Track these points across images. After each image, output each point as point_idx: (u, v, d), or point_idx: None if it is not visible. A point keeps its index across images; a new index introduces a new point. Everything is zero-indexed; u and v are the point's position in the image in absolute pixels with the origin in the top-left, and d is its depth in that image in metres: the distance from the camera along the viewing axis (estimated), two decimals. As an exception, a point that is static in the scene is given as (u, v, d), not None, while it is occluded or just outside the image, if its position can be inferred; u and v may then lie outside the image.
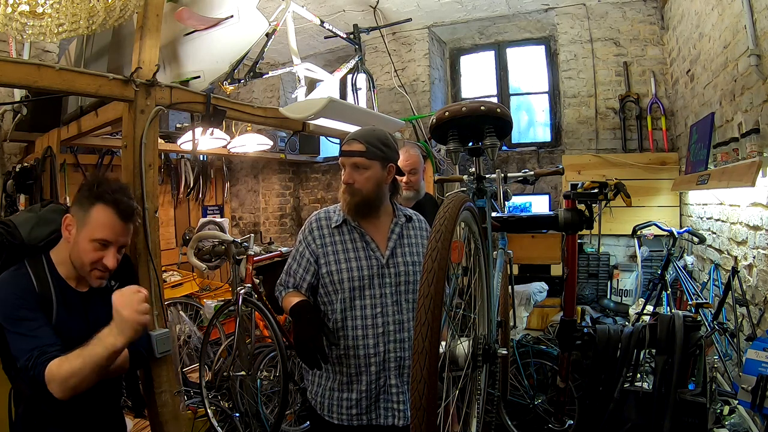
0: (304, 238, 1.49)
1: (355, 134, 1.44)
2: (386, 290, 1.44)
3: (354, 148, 1.41)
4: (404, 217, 1.53)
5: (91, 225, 1.23)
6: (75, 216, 1.26)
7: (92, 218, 1.24)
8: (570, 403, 1.87)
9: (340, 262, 1.43)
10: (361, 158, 1.40)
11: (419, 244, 1.52)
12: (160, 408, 1.60)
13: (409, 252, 1.49)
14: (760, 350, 1.41)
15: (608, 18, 3.82)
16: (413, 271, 1.46)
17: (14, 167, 2.30)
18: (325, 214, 1.51)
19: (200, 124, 1.98)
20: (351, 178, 1.41)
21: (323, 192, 5.28)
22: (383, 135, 1.46)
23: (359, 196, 1.42)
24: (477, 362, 1.22)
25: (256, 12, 1.98)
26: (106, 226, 1.24)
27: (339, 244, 1.46)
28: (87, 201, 1.25)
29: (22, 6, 1.30)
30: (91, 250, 1.24)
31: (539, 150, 4.25)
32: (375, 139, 1.42)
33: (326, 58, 4.84)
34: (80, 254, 1.24)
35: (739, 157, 2.05)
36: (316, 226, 1.49)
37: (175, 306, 3.25)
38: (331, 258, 1.44)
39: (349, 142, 1.43)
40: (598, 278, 3.63)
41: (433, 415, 0.81)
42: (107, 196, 1.24)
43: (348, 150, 1.42)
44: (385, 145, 1.44)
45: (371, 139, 1.42)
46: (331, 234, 1.47)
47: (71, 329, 1.26)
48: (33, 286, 1.23)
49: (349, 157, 1.42)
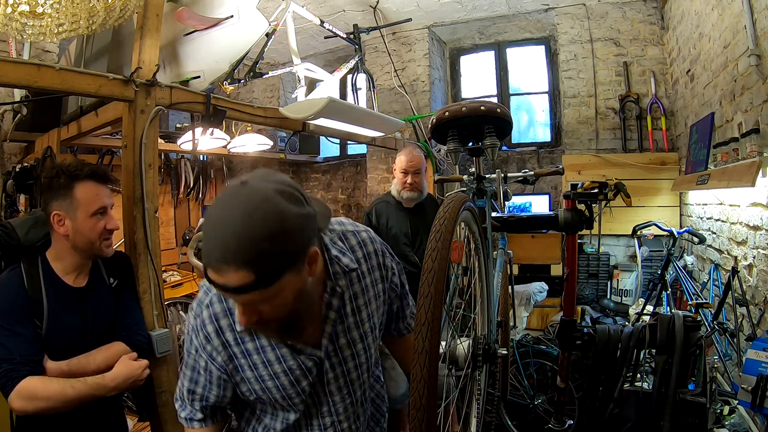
0: (202, 349, 0.92)
1: (222, 252, 0.71)
2: (332, 389, 0.97)
3: (234, 282, 0.72)
4: (342, 272, 0.95)
5: (83, 203, 1.28)
6: (60, 209, 1.28)
7: (80, 198, 1.28)
8: (570, 403, 1.86)
9: (263, 379, 0.92)
10: (254, 294, 0.73)
11: (372, 289, 1.01)
12: (160, 408, 1.60)
13: (355, 322, 0.98)
14: (760, 350, 1.41)
15: (608, 18, 3.83)
16: (364, 348, 1.00)
17: (14, 167, 2.29)
18: (224, 311, 0.91)
19: (200, 124, 1.98)
20: (250, 319, 0.80)
21: (323, 192, 5.28)
22: (267, 225, 0.71)
23: (274, 326, 0.86)
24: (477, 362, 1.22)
25: (256, 12, 1.98)
26: (96, 196, 1.31)
27: (255, 353, 0.92)
28: (64, 189, 1.28)
29: (22, 6, 1.29)
30: (94, 224, 1.30)
31: (539, 150, 4.25)
32: (260, 248, 0.71)
33: (326, 58, 4.84)
34: (87, 234, 1.29)
35: (739, 157, 2.05)
36: (213, 331, 0.91)
37: (175, 306, 3.24)
38: (249, 373, 0.93)
39: (220, 269, 0.72)
40: (598, 278, 3.63)
41: (433, 415, 0.81)
42: (79, 173, 1.30)
43: (225, 285, 0.73)
44: (282, 240, 0.72)
45: (253, 252, 0.70)
46: (240, 340, 0.91)
47: (68, 325, 1.28)
48: (23, 287, 1.25)
49: (234, 295, 0.75)
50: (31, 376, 1.15)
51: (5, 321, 1.19)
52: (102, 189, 1.33)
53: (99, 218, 1.31)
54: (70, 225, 1.28)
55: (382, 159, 4.36)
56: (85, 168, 1.32)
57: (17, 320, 1.20)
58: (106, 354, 1.32)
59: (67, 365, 1.25)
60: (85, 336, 1.32)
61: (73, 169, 1.30)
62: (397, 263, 1.10)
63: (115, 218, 1.37)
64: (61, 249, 1.32)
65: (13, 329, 1.19)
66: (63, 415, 1.25)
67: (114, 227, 1.36)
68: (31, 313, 1.23)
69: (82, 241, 1.30)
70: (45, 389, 1.15)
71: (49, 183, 1.29)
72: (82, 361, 1.28)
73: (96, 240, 1.32)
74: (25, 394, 1.13)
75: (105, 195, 1.34)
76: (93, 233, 1.30)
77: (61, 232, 1.28)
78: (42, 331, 1.24)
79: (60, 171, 1.30)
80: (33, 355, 1.19)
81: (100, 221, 1.31)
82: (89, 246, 1.32)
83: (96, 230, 1.31)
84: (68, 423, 1.28)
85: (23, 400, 1.14)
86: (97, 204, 1.31)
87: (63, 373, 1.23)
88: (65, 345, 1.27)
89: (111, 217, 1.35)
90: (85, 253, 1.33)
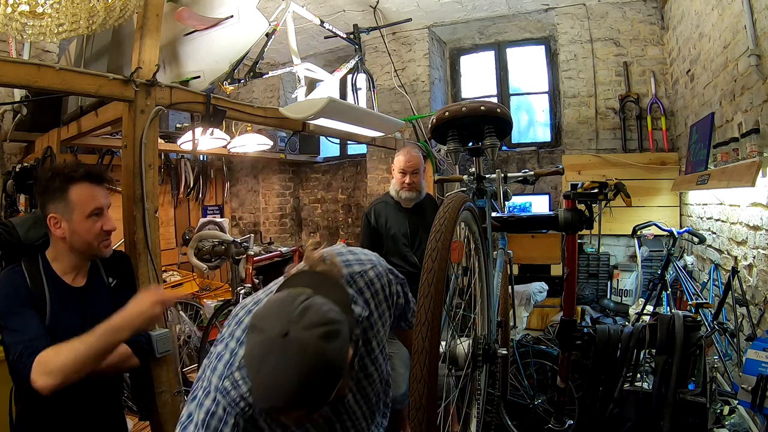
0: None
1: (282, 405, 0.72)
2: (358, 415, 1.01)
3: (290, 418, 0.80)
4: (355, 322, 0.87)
5: (79, 205, 1.27)
6: (56, 211, 1.27)
7: (75, 199, 1.27)
8: (570, 403, 1.87)
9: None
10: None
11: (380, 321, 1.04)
12: (160, 408, 1.60)
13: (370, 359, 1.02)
14: (760, 350, 1.41)
15: (608, 18, 3.82)
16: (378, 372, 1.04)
17: (14, 167, 2.30)
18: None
19: (200, 124, 1.98)
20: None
21: (323, 192, 5.28)
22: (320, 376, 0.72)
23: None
24: (477, 362, 1.22)
25: (256, 12, 1.98)
26: (91, 197, 1.30)
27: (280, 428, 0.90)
28: (59, 191, 1.27)
29: (22, 6, 1.30)
30: (90, 226, 1.29)
31: (539, 150, 4.25)
32: (313, 391, 0.72)
33: (326, 58, 4.84)
34: (84, 236, 1.29)
35: (739, 157, 2.05)
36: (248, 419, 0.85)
37: (175, 306, 3.24)
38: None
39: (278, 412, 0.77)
40: (598, 278, 3.63)
41: (433, 415, 0.81)
42: (74, 174, 1.29)
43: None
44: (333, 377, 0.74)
45: (307, 398, 0.72)
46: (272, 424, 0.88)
47: (68, 324, 1.27)
48: (26, 283, 1.25)
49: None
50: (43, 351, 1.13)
51: (13, 308, 1.19)
52: (97, 190, 1.32)
53: (95, 220, 1.30)
54: (67, 227, 1.27)
55: (382, 159, 4.36)
56: (80, 169, 1.31)
57: (24, 308, 1.21)
58: None
59: None
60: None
61: (68, 171, 1.29)
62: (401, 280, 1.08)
63: (111, 219, 1.35)
64: (59, 250, 1.31)
65: (21, 314, 1.19)
66: (63, 415, 1.25)
67: (111, 228, 1.34)
68: (36, 307, 1.23)
69: (79, 242, 1.29)
70: (56, 355, 1.13)
71: (45, 185, 1.29)
72: None
73: (93, 241, 1.30)
74: (42, 368, 1.11)
75: (101, 196, 1.32)
76: (89, 235, 1.29)
77: (58, 234, 1.28)
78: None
79: (55, 173, 1.29)
80: (45, 335, 1.18)
81: (96, 223, 1.30)
82: (86, 247, 1.31)
83: (92, 232, 1.29)
84: (68, 423, 1.28)
85: (44, 375, 1.10)
86: (93, 205, 1.29)
87: None
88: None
89: (108, 218, 1.33)
90: (82, 254, 1.33)
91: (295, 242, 5.29)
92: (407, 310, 1.14)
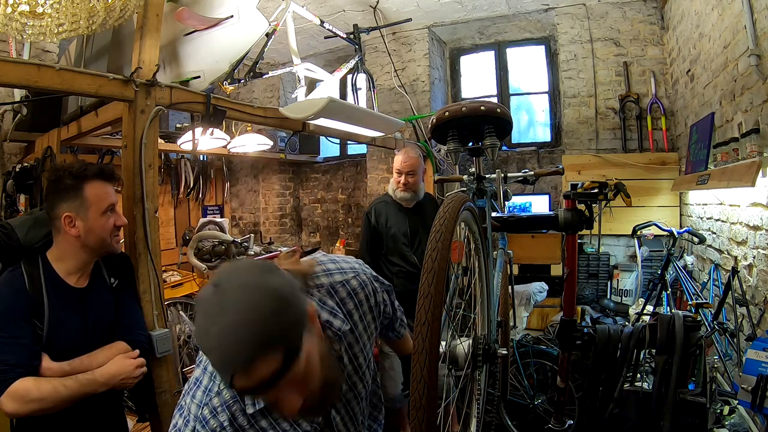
0: None
1: (243, 354, 0.65)
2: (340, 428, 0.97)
3: (266, 374, 0.67)
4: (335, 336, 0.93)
5: (94, 202, 1.31)
6: (71, 210, 1.28)
7: (90, 197, 1.30)
8: (570, 403, 1.87)
9: None
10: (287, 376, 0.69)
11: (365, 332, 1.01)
12: (160, 408, 1.60)
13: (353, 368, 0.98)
14: (760, 350, 1.41)
15: (608, 18, 3.83)
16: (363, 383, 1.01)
17: (14, 167, 2.29)
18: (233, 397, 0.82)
19: (200, 124, 1.98)
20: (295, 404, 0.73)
21: (323, 192, 5.28)
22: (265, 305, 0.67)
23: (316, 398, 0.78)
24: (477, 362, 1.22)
25: (256, 12, 1.98)
26: (105, 195, 1.34)
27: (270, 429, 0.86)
28: (73, 190, 1.29)
29: (22, 6, 1.29)
30: (105, 222, 1.33)
31: (539, 150, 4.25)
32: (272, 326, 0.66)
33: (326, 58, 4.84)
34: (99, 233, 1.32)
35: (739, 157, 2.05)
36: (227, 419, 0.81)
37: (175, 306, 3.24)
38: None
39: (248, 369, 0.66)
40: (598, 278, 3.63)
41: (433, 415, 0.81)
42: (87, 173, 1.32)
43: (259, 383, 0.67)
44: (284, 308, 0.69)
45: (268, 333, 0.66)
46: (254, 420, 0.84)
47: (68, 325, 1.28)
48: (25, 287, 1.24)
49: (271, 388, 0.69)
50: (24, 378, 1.14)
51: (3, 324, 1.19)
52: (109, 187, 1.37)
53: (109, 216, 1.34)
54: (82, 225, 1.28)
55: (382, 159, 4.36)
56: (92, 167, 1.34)
57: (16, 324, 1.20)
58: (108, 354, 1.32)
59: (69, 365, 1.24)
60: (86, 336, 1.32)
61: (80, 170, 1.31)
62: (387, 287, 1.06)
63: (122, 215, 1.42)
64: (66, 250, 1.31)
65: (10, 333, 1.18)
66: (63, 416, 1.25)
67: (122, 223, 1.40)
68: (32, 314, 1.23)
69: (94, 239, 1.31)
70: (38, 390, 1.15)
71: (55, 185, 1.29)
72: (84, 362, 1.27)
73: (107, 237, 1.34)
74: (16, 395, 1.13)
75: (112, 193, 1.37)
76: (105, 231, 1.33)
77: (73, 233, 1.28)
78: (43, 332, 1.24)
79: (66, 172, 1.30)
80: (29, 359, 1.18)
81: (110, 218, 1.34)
82: (101, 244, 1.34)
83: (107, 228, 1.34)
84: (68, 423, 1.28)
85: (15, 402, 1.13)
86: (107, 202, 1.33)
87: (65, 374, 1.22)
88: (66, 346, 1.27)
89: (119, 213, 1.39)
90: (96, 251, 1.35)
91: (295, 242, 5.29)
92: (395, 320, 1.12)
